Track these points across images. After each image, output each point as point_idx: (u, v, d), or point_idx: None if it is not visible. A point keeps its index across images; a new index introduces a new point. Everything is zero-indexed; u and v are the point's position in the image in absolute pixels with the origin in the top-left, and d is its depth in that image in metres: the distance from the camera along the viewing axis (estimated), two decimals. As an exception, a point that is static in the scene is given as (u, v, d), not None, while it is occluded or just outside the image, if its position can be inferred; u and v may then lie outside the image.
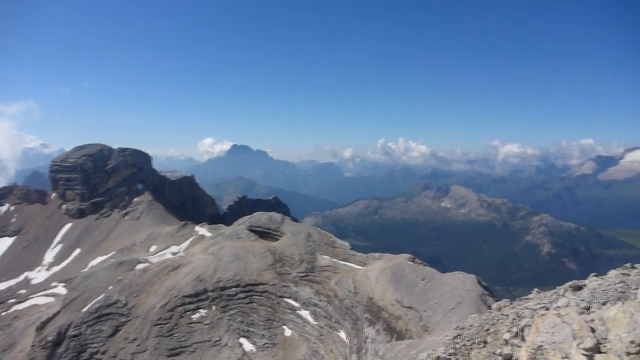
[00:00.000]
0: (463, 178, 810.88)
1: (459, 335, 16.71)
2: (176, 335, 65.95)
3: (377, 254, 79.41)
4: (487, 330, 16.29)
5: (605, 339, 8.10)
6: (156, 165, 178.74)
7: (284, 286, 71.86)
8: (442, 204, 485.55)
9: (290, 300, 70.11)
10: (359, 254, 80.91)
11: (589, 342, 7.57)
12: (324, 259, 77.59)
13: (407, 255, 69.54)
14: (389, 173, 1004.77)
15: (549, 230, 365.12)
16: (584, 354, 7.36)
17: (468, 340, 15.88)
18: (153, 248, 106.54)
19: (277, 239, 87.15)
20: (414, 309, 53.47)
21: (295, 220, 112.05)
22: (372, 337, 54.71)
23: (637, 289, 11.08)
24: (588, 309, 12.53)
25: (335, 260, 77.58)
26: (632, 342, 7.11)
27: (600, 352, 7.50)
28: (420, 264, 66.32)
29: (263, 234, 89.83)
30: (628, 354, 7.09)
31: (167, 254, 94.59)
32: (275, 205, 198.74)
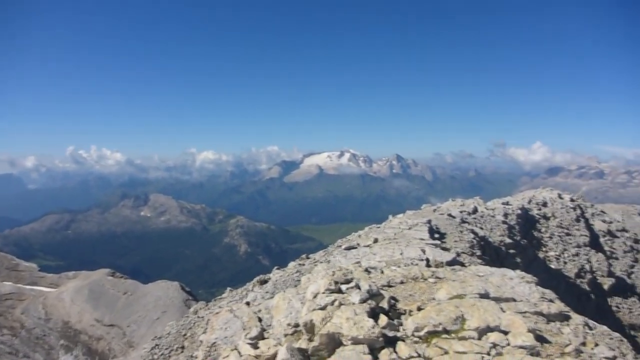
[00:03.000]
0: (162, 185, 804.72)
1: (157, 345, 17.01)
2: None
3: (71, 273, 73.65)
4: (185, 335, 17.03)
5: (270, 325, 9.62)
6: None
7: (-51, 328, 59.86)
8: (142, 213, 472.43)
9: (-42, 344, 58.87)
10: (50, 275, 73.50)
11: (254, 332, 8.89)
12: (5, 286, 67.68)
13: (106, 270, 66.55)
14: (82, 183, 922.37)
15: (244, 231, 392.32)
16: (249, 343, 8.59)
17: (166, 349, 16.34)
18: None
19: None
20: (116, 326, 51.64)
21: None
22: (68, 366, 50.66)
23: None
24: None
25: (20, 285, 68.59)
26: (288, 324, 8.67)
27: (263, 339, 8.86)
28: (122, 277, 64.36)
29: None
30: (285, 335, 8.61)
31: None
32: None
